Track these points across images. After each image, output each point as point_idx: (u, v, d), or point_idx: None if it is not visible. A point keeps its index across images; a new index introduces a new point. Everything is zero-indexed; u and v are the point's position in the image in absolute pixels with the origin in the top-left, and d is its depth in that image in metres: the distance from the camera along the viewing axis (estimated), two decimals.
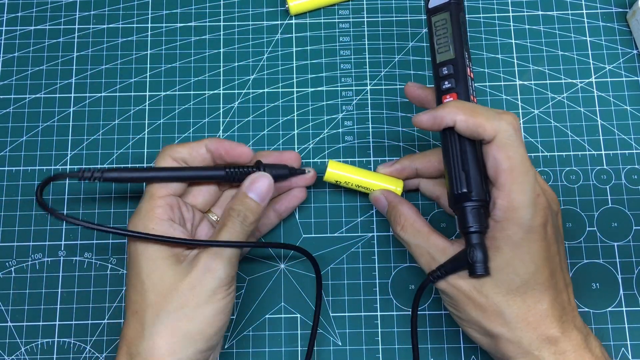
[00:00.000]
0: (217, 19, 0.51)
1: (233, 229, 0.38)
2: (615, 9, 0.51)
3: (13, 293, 0.45)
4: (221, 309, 0.36)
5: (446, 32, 0.38)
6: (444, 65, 0.37)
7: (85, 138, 0.48)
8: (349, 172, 0.43)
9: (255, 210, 0.39)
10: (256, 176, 0.40)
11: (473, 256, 0.35)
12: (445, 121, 0.35)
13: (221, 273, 0.36)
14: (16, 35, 0.50)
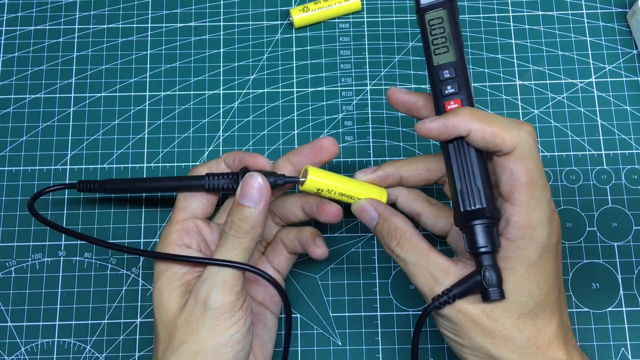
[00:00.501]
0: (217, 19, 0.51)
1: (227, 244, 0.34)
2: (615, 9, 0.51)
3: (13, 293, 0.45)
4: (225, 341, 0.33)
5: (443, 32, 0.35)
6: (444, 68, 0.34)
7: (85, 138, 0.48)
8: (332, 179, 0.37)
9: (250, 217, 0.34)
10: (245, 180, 0.35)
11: (487, 279, 0.32)
12: (458, 130, 0.32)
13: (214, 302, 0.33)
14: (16, 35, 0.50)
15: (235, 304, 0.34)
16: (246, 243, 0.34)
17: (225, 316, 0.33)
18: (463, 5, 0.51)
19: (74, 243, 0.46)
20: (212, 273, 0.34)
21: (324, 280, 0.45)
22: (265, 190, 0.35)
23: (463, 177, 0.33)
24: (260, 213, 0.35)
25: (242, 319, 0.34)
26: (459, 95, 0.34)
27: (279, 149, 0.48)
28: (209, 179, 0.37)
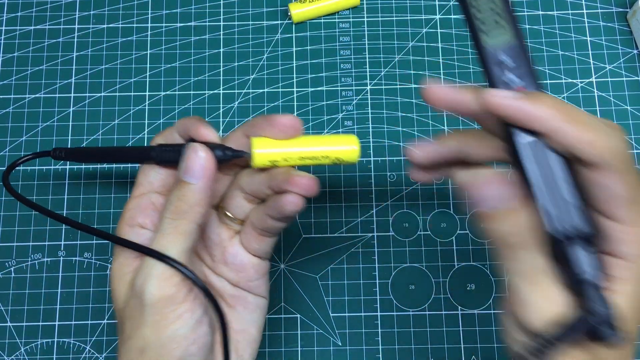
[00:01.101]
0: (217, 18, 0.51)
1: (162, 229, 0.30)
2: (616, 8, 0.51)
3: (13, 293, 0.45)
4: (169, 338, 0.29)
5: (494, 6, 0.28)
6: (500, 50, 0.28)
7: (85, 138, 0.48)
8: (284, 145, 0.32)
9: (188, 195, 0.30)
10: (186, 153, 0.31)
11: (604, 316, 0.25)
12: (540, 123, 0.25)
13: (150, 297, 0.29)
14: (16, 35, 0.50)
15: (176, 297, 0.29)
16: (183, 226, 0.30)
17: (166, 311, 0.29)
18: None
19: (73, 243, 0.45)
20: (147, 264, 0.30)
21: (324, 281, 0.45)
22: (207, 165, 0.30)
23: (548, 187, 0.26)
24: (200, 191, 0.30)
25: (188, 311, 0.30)
26: (522, 84, 0.27)
27: None
28: (159, 150, 0.32)
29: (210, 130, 0.32)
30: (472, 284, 0.45)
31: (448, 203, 0.46)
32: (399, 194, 0.47)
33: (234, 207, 0.34)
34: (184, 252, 0.30)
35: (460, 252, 0.45)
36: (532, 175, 0.27)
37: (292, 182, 0.31)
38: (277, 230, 0.34)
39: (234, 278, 0.35)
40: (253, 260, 0.35)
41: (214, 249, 0.34)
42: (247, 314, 0.35)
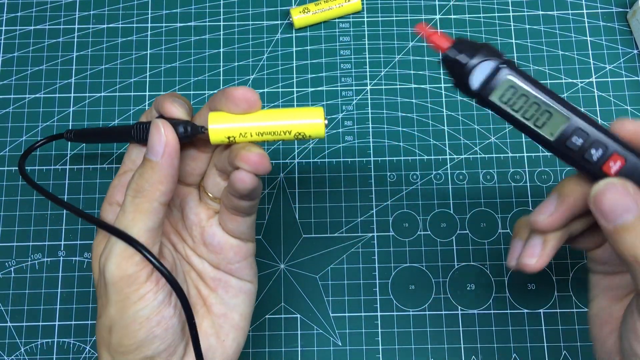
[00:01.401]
0: (217, 18, 0.51)
1: (124, 207, 0.29)
2: (616, 8, 0.51)
3: (12, 293, 0.45)
4: (131, 318, 0.29)
5: (528, 99, 0.28)
6: (567, 135, 0.27)
7: None
8: (242, 120, 0.30)
9: (149, 172, 0.29)
10: (150, 129, 0.30)
11: None
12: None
13: (110, 276, 0.29)
14: (16, 35, 0.50)
15: (137, 277, 0.29)
16: (144, 204, 0.29)
17: (128, 291, 0.29)
18: (463, 5, 0.51)
19: (73, 243, 0.46)
20: (110, 242, 0.29)
21: (324, 281, 0.45)
22: (168, 141, 0.29)
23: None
24: (161, 168, 0.29)
25: (151, 292, 0.29)
26: (611, 151, 0.27)
27: (278, 149, 0.47)
28: (136, 129, 0.32)
29: (177, 106, 0.31)
30: (472, 284, 0.45)
31: (448, 203, 0.46)
32: (399, 194, 0.47)
33: (211, 185, 0.33)
34: (146, 232, 0.29)
35: (460, 252, 0.45)
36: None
37: (240, 158, 0.29)
38: (245, 209, 0.32)
39: (214, 260, 0.34)
40: (232, 241, 0.34)
41: (194, 229, 0.34)
42: (229, 298, 0.34)
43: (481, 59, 0.27)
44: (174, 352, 0.31)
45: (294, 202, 0.46)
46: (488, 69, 0.27)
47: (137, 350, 0.29)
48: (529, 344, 0.43)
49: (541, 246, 0.30)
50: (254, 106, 0.30)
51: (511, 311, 0.44)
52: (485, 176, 0.47)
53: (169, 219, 0.34)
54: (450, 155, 0.47)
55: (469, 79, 0.28)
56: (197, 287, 0.34)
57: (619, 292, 0.32)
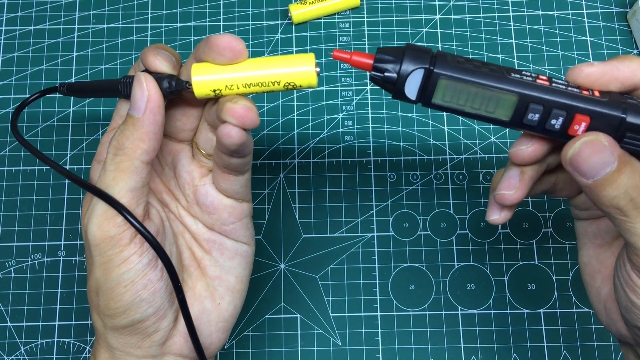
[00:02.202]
0: (217, 18, 0.51)
1: (105, 166, 0.28)
2: (616, 8, 0.51)
3: (13, 293, 0.45)
4: (116, 281, 0.28)
5: (469, 91, 0.26)
6: (522, 112, 0.26)
7: (85, 138, 0.48)
8: (227, 71, 0.28)
9: (130, 129, 0.28)
10: (133, 84, 0.28)
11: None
12: (629, 76, 0.26)
13: (92, 237, 0.28)
14: (16, 35, 0.50)
15: (120, 238, 0.28)
16: (125, 163, 0.28)
17: (111, 252, 0.28)
18: (463, 5, 0.51)
19: (73, 243, 0.46)
20: (92, 202, 0.28)
21: (324, 281, 0.45)
22: (150, 96, 0.28)
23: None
24: (143, 125, 0.28)
25: (135, 254, 0.28)
26: (573, 114, 0.26)
27: (278, 149, 0.48)
28: (124, 83, 0.31)
29: (161, 59, 0.29)
30: (472, 284, 0.45)
31: (448, 203, 0.46)
32: (399, 194, 0.47)
33: (203, 142, 0.32)
34: (128, 191, 0.28)
35: (460, 252, 0.45)
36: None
37: (225, 111, 0.27)
38: (237, 167, 0.30)
39: (207, 220, 0.33)
40: (225, 201, 0.32)
41: (186, 188, 0.32)
42: (224, 260, 0.33)
43: (408, 70, 0.26)
44: (163, 315, 0.30)
45: (294, 202, 0.46)
46: (419, 77, 0.26)
47: (124, 313, 0.29)
48: (529, 344, 0.43)
49: (518, 177, 0.29)
50: (239, 55, 0.28)
51: (511, 311, 0.44)
52: (485, 176, 0.47)
53: (161, 178, 0.33)
54: (450, 155, 0.47)
55: (404, 92, 0.27)
56: (191, 248, 0.33)
57: (606, 237, 0.31)
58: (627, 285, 0.27)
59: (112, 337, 0.30)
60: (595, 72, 0.27)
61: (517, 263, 0.45)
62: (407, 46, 0.27)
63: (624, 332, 0.30)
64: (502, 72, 0.26)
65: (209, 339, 0.33)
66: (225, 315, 0.33)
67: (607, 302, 0.31)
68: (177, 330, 0.31)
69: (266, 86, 0.28)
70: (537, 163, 0.29)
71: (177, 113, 0.31)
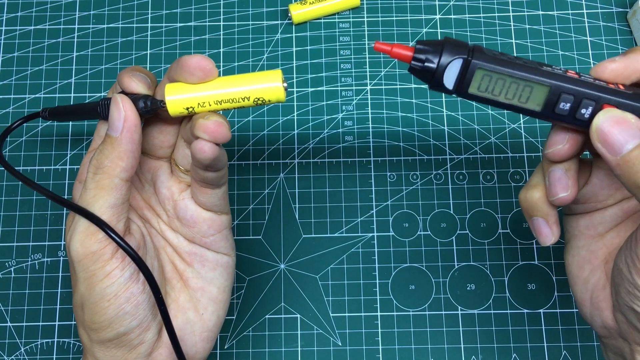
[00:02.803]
0: (217, 18, 0.51)
1: (86, 184, 0.29)
2: (616, 8, 0.51)
3: (12, 293, 0.45)
4: (99, 295, 0.29)
5: (505, 81, 0.28)
6: (554, 102, 0.27)
7: (85, 138, 0.48)
8: (198, 89, 0.30)
9: (109, 148, 0.29)
10: (110, 105, 0.30)
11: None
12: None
13: (74, 254, 0.29)
14: (16, 35, 0.50)
15: (102, 254, 0.29)
16: (104, 181, 0.29)
17: (93, 268, 0.29)
18: (463, 5, 0.51)
19: None
20: (75, 220, 0.29)
21: (324, 281, 0.45)
22: (127, 116, 0.29)
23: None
24: (120, 144, 0.29)
25: (117, 269, 0.29)
26: (601, 104, 0.27)
27: (278, 149, 0.47)
28: (102, 105, 0.32)
29: (135, 80, 0.30)
30: (472, 284, 0.45)
31: (448, 203, 0.46)
32: (399, 194, 0.47)
33: (181, 158, 0.33)
34: (108, 208, 0.29)
35: (460, 252, 0.45)
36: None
37: (197, 127, 0.29)
38: (213, 180, 0.31)
39: (188, 233, 0.34)
40: (204, 214, 0.33)
41: (167, 203, 0.34)
42: (206, 272, 0.34)
43: (448, 60, 0.28)
44: (147, 327, 0.31)
45: (294, 202, 0.46)
46: (457, 67, 0.28)
47: (109, 327, 0.29)
48: (529, 344, 0.43)
49: (566, 176, 0.30)
50: (209, 74, 0.29)
51: (511, 311, 0.44)
52: (485, 176, 0.47)
53: (142, 194, 0.34)
54: (450, 155, 0.47)
55: (443, 82, 0.28)
56: (173, 261, 0.34)
57: (599, 228, 0.32)
58: (634, 266, 0.28)
59: (99, 351, 0.30)
60: (618, 67, 0.28)
61: (517, 263, 0.45)
62: (445, 39, 0.28)
63: (609, 323, 0.31)
64: (535, 65, 0.28)
65: (194, 348, 0.33)
66: (209, 325, 0.34)
67: (594, 291, 0.32)
68: (162, 341, 0.32)
69: (237, 102, 0.30)
70: (575, 157, 0.30)
71: (154, 131, 0.32)
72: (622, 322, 0.30)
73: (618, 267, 0.29)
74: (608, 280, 0.31)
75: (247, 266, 0.45)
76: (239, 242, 0.45)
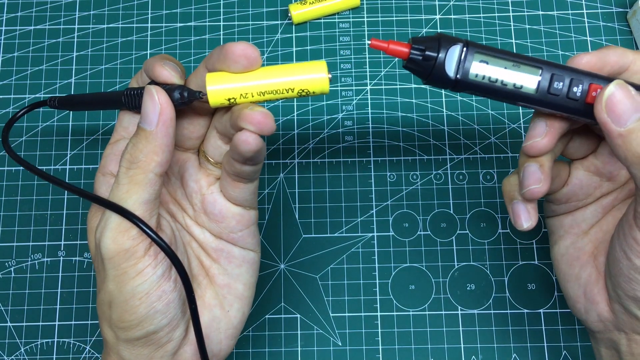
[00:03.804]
0: (217, 18, 0.51)
1: (118, 179, 0.28)
2: (616, 8, 0.51)
3: (12, 293, 0.45)
4: (130, 293, 0.28)
5: (500, 67, 0.29)
6: (548, 83, 0.28)
7: (85, 138, 0.48)
8: (241, 79, 0.29)
9: (143, 142, 0.28)
10: (143, 97, 0.28)
11: None
12: (619, 60, 0.30)
13: (106, 251, 0.28)
14: (16, 35, 0.50)
15: (134, 251, 0.28)
16: (138, 176, 0.28)
17: (125, 265, 0.28)
18: (463, 5, 0.51)
19: (73, 243, 0.45)
20: (105, 216, 0.28)
21: (324, 281, 0.45)
22: (162, 109, 0.28)
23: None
24: (155, 138, 0.28)
25: (149, 267, 0.28)
26: (588, 83, 0.28)
27: (278, 149, 0.47)
28: (126, 95, 0.31)
29: (169, 69, 0.29)
30: (472, 284, 0.45)
31: (448, 203, 0.46)
32: (399, 194, 0.47)
33: (212, 149, 0.32)
34: (142, 204, 0.28)
35: (460, 252, 0.45)
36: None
37: (243, 118, 0.28)
38: (248, 174, 0.31)
39: (215, 229, 0.33)
40: (233, 209, 0.33)
41: (194, 197, 0.33)
42: (232, 268, 0.33)
43: (447, 47, 0.28)
44: (176, 325, 0.30)
45: (294, 202, 0.46)
46: (457, 54, 0.28)
47: (139, 325, 0.29)
48: (529, 344, 0.43)
49: (539, 170, 0.30)
50: (254, 63, 0.28)
51: (511, 311, 0.44)
52: (485, 176, 0.47)
53: (168, 188, 0.33)
54: (450, 155, 0.47)
55: (445, 70, 0.28)
56: (199, 258, 0.33)
57: (583, 225, 0.34)
58: (632, 250, 0.28)
59: (125, 349, 0.30)
60: (592, 59, 0.29)
61: (517, 263, 0.45)
62: (439, 34, 0.29)
63: (605, 315, 0.31)
64: (525, 55, 0.29)
65: (219, 345, 0.33)
66: (234, 322, 0.33)
67: (587, 285, 0.32)
68: (188, 339, 0.31)
69: (280, 93, 0.29)
70: (550, 153, 0.31)
71: (184, 122, 0.31)
72: (620, 313, 0.30)
73: (614, 257, 0.30)
74: (600, 274, 0.32)
75: None
76: None
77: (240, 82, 0.28)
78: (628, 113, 0.27)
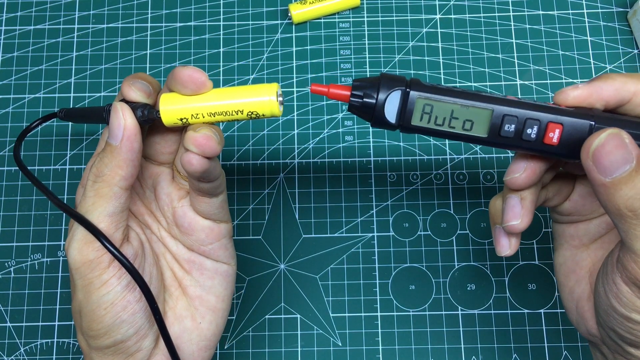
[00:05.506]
0: (217, 18, 0.51)
1: (85, 192, 0.29)
2: (616, 8, 0.51)
3: (12, 293, 0.45)
4: (96, 303, 0.29)
5: (446, 110, 0.27)
6: (498, 126, 0.27)
7: (84, 138, 0.48)
8: (192, 101, 0.30)
9: (108, 156, 0.29)
10: (110, 113, 0.30)
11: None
12: (615, 94, 0.27)
13: (72, 261, 0.29)
14: (15, 35, 0.50)
15: (99, 262, 0.29)
16: (103, 189, 0.29)
17: (91, 276, 0.29)
18: (463, 5, 0.51)
19: None
20: (74, 227, 0.29)
21: (324, 281, 0.45)
22: (126, 125, 0.29)
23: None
24: (120, 152, 0.29)
25: (114, 277, 0.29)
26: (546, 122, 0.27)
27: (278, 149, 0.47)
28: (107, 110, 0.32)
29: (135, 89, 0.30)
30: (472, 284, 0.45)
31: (448, 203, 0.46)
32: (399, 194, 0.47)
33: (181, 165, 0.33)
34: (107, 216, 0.29)
35: (460, 252, 0.45)
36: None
37: (187, 139, 0.29)
38: (207, 190, 0.31)
39: (187, 241, 0.34)
40: (202, 222, 0.33)
41: (166, 210, 0.33)
42: (204, 280, 0.34)
43: (386, 93, 0.27)
44: (145, 335, 0.30)
45: (294, 202, 0.46)
46: (397, 99, 0.27)
47: (106, 334, 0.29)
48: (530, 344, 0.43)
49: (520, 205, 0.30)
50: (202, 86, 0.29)
51: (511, 311, 0.44)
52: (486, 176, 0.47)
53: (143, 200, 0.34)
54: (450, 155, 0.47)
55: (384, 116, 0.27)
56: (172, 269, 0.34)
57: (584, 239, 0.32)
58: (611, 292, 0.27)
59: (97, 357, 0.30)
60: (581, 94, 0.27)
61: (517, 263, 0.45)
62: (382, 75, 0.28)
63: (593, 332, 0.31)
64: (474, 92, 0.28)
65: (192, 357, 0.33)
66: (207, 334, 0.34)
67: (579, 301, 0.32)
68: (159, 349, 0.32)
69: (230, 115, 0.30)
70: (534, 186, 0.30)
71: (156, 137, 0.32)
72: (604, 335, 0.30)
73: (597, 289, 0.29)
74: (592, 292, 0.31)
75: (247, 266, 0.45)
76: (239, 242, 0.45)
77: (190, 103, 0.29)
78: (616, 165, 0.25)
